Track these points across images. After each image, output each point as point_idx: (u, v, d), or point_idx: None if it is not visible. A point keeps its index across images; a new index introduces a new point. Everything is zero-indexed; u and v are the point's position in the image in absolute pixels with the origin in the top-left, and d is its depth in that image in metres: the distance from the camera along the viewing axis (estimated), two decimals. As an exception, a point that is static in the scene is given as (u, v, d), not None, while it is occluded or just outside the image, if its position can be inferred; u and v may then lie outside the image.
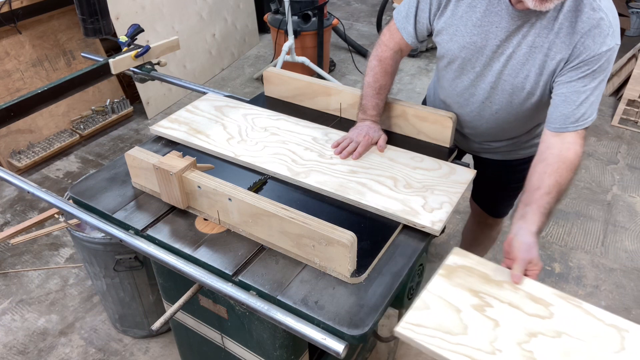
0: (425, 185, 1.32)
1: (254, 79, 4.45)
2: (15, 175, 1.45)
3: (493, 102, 1.41)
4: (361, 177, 1.35)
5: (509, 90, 1.35)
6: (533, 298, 1.09)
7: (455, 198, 1.28)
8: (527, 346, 0.99)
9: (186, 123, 1.60)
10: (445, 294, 1.10)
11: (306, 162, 1.42)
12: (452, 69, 1.44)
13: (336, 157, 1.44)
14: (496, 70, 1.34)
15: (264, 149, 1.47)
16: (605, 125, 3.82)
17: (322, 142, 1.50)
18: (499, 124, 1.47)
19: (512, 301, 1.08)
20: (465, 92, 1.45)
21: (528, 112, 1.40)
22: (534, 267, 1.14)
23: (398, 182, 1.33)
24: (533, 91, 1.32)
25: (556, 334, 1.02)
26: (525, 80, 1.31)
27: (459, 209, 2.94)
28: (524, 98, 1.35)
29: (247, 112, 1.66)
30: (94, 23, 3.06)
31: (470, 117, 1.50)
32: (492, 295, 1.09)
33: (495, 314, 1.05)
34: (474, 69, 1.38)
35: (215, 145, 1.50)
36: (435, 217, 1.22)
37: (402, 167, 1.39)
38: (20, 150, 3.32)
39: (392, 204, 1.26)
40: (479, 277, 1.14)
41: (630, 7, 5.16)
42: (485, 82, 1.38)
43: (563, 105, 1.24)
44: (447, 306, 1.07)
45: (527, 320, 1.04)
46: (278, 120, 1.62)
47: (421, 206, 1.25)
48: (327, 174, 1.37)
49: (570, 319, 1.05)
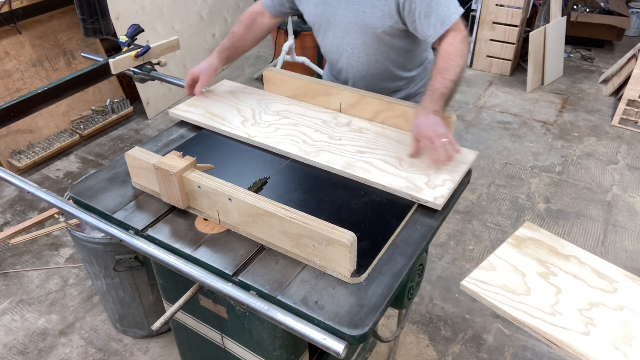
0: (429, 165, 1.37)
1: (254, 79, 4.45)
2: (15, 175, 1.45)
3: (354, 48, 1.60)
4: (368, 157, 1.41)
5: (366, 34, 1.54)
6: (598, 273, 1.16)
7: (458, 176, 1.33)
8: (587, 313, 1.06)
9: (203, 107, 1.68)
10: (513, 259, 1.19)
11: (316, 142, 1.49)
12: (319, 32, 1.67)
13: (345, 138, 1.50)
14: (350, 20, 1.53)
15: (277, 131, 1.54)
16: (605, 125, 3.82)
17: (332, 124, 1.57)
18: (367, 68, 1.64)
19: (577, 274, 1.16)
20: (334, 48, 1.65)
21: (386, 49, 1.59)
22: (431, 135, 1.30)
23: (403, 162, 1.39)
24: (386, 29, 1.51)
25: (618, 307, 1.08)
26: (378, 22, 1.49)
27: (458, 209, 2.94)
28: (380, 38, 1.54)
29: (261, 98, 1.73)
30: (94, 23, 3.06)
31: (346, 66, 1.68)
32: (558, 266, 1.18)
33: (558, 282, 1.13)
34: (331, 24, 1.59)
35: (230, 127, 1.57)
36: (437, 193, 1.27)
37: (406, 148, 1.44)
38: (20, 150, 3.32)
39: (397, 181, 1.31)
40: (547, 250, 1.22)
41: (630, 7, 5.16)
42: (343, 33, 1.58)
43: (425, 20, 1.42)
44: (512, 270, 1.16)
45: (590, 292, 1.11)
46: (290, 105, 1.69)
47: (424, 183, 1.30)
48: (335, 153, 1.44)
49: (634, 295, 1.10)
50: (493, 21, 4.41)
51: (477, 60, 4.66)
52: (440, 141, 1.29)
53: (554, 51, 4.36)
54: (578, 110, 4.02)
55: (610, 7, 4.90)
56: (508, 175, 3.26)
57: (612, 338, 1.02)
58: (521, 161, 3.41)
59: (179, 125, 1.66)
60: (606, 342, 1.01)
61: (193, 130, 1.63)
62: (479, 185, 3.15)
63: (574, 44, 4.99)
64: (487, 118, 3.93)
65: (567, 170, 3.31)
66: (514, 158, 3.44)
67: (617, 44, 5.14)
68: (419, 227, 1.22)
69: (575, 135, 3.71)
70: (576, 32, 4.86)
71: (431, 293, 2.41)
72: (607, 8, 4.91)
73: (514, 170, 3.32)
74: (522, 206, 2.99)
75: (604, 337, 1.02)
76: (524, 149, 3.55)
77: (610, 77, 4.41)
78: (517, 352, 2.14)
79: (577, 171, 3.30)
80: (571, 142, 3.62)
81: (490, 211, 2.94)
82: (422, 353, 2.15)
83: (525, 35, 4.48)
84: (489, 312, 2.30)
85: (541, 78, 4.39)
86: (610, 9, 4.88)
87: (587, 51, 4.98)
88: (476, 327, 2.25)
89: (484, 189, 3.13)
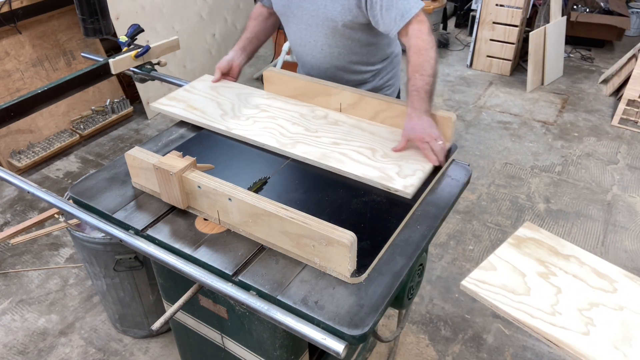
0: (401, 155, 1.42)
1: (254, 79, 4.45)
2: (15, 175, 1.45)
3: (317, 41, 1.64)
4: (343, 148, 1.46)
5: (327, 27, 1.58)
6: (598, 273, 1.16)
7: (428, 166, 1.37)
8: (587, 313, 1.06)
9: (184, 101, 1.71)
10: (513, 259, 1.20)
11: (293, 134, 1.53)
12: (285, 24, 1.72)
13: (321, 130, 1.55)
14: (312, 13, 1.57)
15: (255, 124, 1.59)
16: (605, 125, 3.82)
17: (309, 117, 1.61)
18: (330, 60, 1.68)
19: (577, 274, 1.16)
20: (299, 39, 1.69)
21: (347, 42, 1.62)
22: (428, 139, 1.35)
23: (376, 152, 1.44)
24: (347, 22, 1.54)
25: (618, 307, 1.08)
26: (338, 15, 1.53)
27: (458, 209, 2.94)
28: (341, 31, 1.57)
29: (241, 92, 1.77)
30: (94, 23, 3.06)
31: (310, 58, 1.72)
32: (558, 266, 1.18)
33: (559, 282, 1.14)
34: (295, 16, 1.63)
35: (210, 120, 1.60)
36: (408, 182, 1.31)
37: (382, 139, 1.50)
38: (20, 150, 3.32)
39: (369, 171, 1.36)
40: (547, 250, 1.23)
41: (630, 7, 5.16)
42: (306, 26, 1.62)
43: (386, 13, 1.45)
44: (512, 270, 1.16)
45: (590, 292, 1.12)
46: (269, 99, 1.72)
47: (396, 173, 1.35)
48: (311, 145, 1.48)
49: (634, 295, 1.11)
50: (493, 21, 4.41)
51: (477, 60, 4.66)
52: (437, 144, 1.36)
53: (554, 51, 4.36)
54: (578, 110, 4.02)
55: (610, 7, 4.90)
56: (508, 175, 3.26)
57: (612, 338, 1.02)
58: (521, 161, 3.41)
59: (179, 125, 1.67)
60: (606, 342, 1.01)
61: (193, 130, 1.63)
62: (479, 185, 3.15)
63: (574, 44, 4.99)
64: (487, 118, 3.93)
65: (567, 170, 3.31)
66: (514, 158, 3.44)
67: (617, 44, 5.14)
68: (419, 227, 1.22)
69: (575, 135, 3.71)
70: (576, 32, 4.87)
71: (431, 293, 2.41)
72: (607, 8, 4.91)
73: (514, 170, 3.32)
74: (522, 206, 2.99)
75: (604, 337, 1.02)
76: (524, 149, 3.55)
77: (610, 77, 4.41)
78: (517, 352, 2.14)
79: (577, 171, 3.30)
80: (571, 142, 3.62)
81: (490, 211, 2.94)
82: (422, 353, 2.15)
83: (525, 35, 4.48)
84: (489, 312, 2.30)
85: (541, 78, 4.39)
86: (610, 9, 4.88)
87: (587, 51, 4.97)
88: (476, 327, 2.25)
89: (484, 189, 3.13)
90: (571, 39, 4.87)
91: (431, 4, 4.68)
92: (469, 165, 1.48)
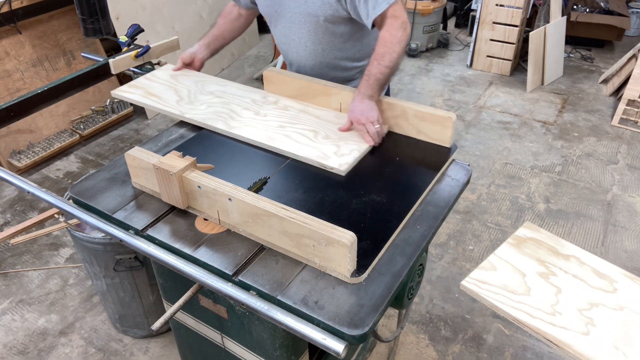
0: (341, 137, 1.51)
1: (254, 79, 4.45)
2: (15, 175, 1.45)
3: (301, 38, 1.67)
4: (288, 131, 1.54)
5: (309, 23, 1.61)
6: (598, 273, 1.16)
7: (365, 146, 1.46)
8: (587, 313, 1.06)
9: (143, 88, 1.79)
10: (513, 259, 1.20)
11: (242, 118, 1.61)
12: (270, 24, 1.75)
13: (270, 114, 1.62)
14: (294, 10, 1.60)
15: (208, 109, 1.66)
16: (605, 125, 3.82)
17: (260, 103, 1.70)
18: (315, 57, 1.71)
19: (577, 274, 1.16)
20: (283, 38, 1.73)
21: (331, 38, 1.66)
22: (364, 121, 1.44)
23: (318, 134, 1.52)
24: (328, 17, 1.57)
25: (618, 307, 1.08)
26: (319, 10, 1.57)
27: (458, 209, 2.95)
28: (324, 27, 1.61)
29: (199, 80, 1.84)
30: (94, 23, 3.06)
31: (296, 56, 1.75)
32: (558, 266, 1.18)
33: (558, 282, 1.14)
34: (279, 15, 1.67)
35: (165, 105, 1.68)
36: (343, 161, 1.40)
37: (326, 122, 1.59)
38: (20, 150, 3.32)
39: (309, 150, 1.44)
40: (547, 250, 1.23)
41: (630, 7, 5.16)
42: (290, 24, 1.65)
43: (364, 4, 1.49)
44: (512, 270, 1.17)
45: (590, 292, 1.12)
46: (225, 86, 1.80)
47: (333, 152, 1.43)
48: (258, 127, 1.56)
49: (634, 295, 1.11)
50: (493, 21, 4.41)
51: (477, 60, 4.66)
52: (372, 127, 1.45)
53: (554, 51, 4.36)
54: (578, 110, 4.02)
55: (610, 7, 4.90)
56: (508, 175, 3.26)
57: (612, 338, 1.02)
58: (521, 161, 3.41)
59: (179, 125, 1.67)
60: (606, 342, 1.01)
61: (193, 130, 1.63)
62: (479, 185, 3.15)
63: (574, 44, 4.99)
64: (487, 118, 3.93)
65: (567, 170, 3.31)
66: (514, 158, 3.44)
67: (617, 44, 5.14)
68: (419, 227, 1.22)
69: (575, 135, 3.71)
70: (576, 32, 4.87)
71: (431, 293, 2.41)
72: (607, 8, 4.91)
73: (514, 170, 3.32)
74: (522, 206, 2.99)
75: (604, 337, 1.02)
76: (524, 149, 3.55)
77: (610, 77, 4.41)
78: (517, 352, 2.14)
79: (577, 171, 3.30)
80: (571, 142, 3.62)
81: (490, 211, 2.94)
82: (422, 353, 2.15)
83: (525, 35, 4.48)
84: (489, 312, 2.30)
85: (541, 78, 4.39)
86: (610, 9, 4.88)
87: (587, 51, 4.97)
88: (476, 327, 2.25)
89: (484, 189, 3.13)
90: (571, 39, 4.87)
91: (431, 4, 4.68)
92: (469, 165, 1.48)
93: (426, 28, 4.82)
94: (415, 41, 4.85)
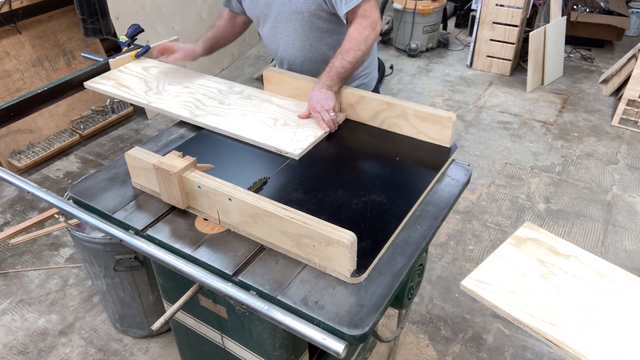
0: (299, 124, 1.58)
1: (254, 78, 4.45)
2: (15, 175, 1.45)
3: (289, 35, 1.71)
4: (249, 119, 1.61)
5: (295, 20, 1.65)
6: (598, 273, 1.16)
7: (320, 133, 1.53)
8: (587, 313, 1.07)
9: (114, 79, 1.85)
10: (513, 259, 1.20)
11: (207, 107, 1.68)
12: (258, 26, 1.79)
13: (234, 104, 1.69)
14: (280, 9, 1.64)
15: (175, 98, 1.73)
16: (605, 125, 3.82)
17: (226, 93, 1.76)
18: (304, 53, 1.75)
19: (578, 274, 1.16)
20: (272, 37, 1.77)
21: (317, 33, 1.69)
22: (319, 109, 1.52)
23: (278, 122, 1.60)
24: (312, 12, 1.62)
25: (618, 306, 1.08)
26: (303, 6, 1.61)
27: (458, 209, 2.95)
28: (309, 22, 1.65)
29: (169, 71, 1.91)
30: (94, 23, 3.06)
31: (285, 54, 1.79)
32: (558, 266, 1.18)
33: (559, 282, 1.14)
34: (266, 16, 1.71)
35: (133, 96, 1.74)
36: (297, 146, 1.47)
37: (286, 111, 1.66)
38: (20, 150, 3.32)
39: (267, 136, 1.52)
40: (547, 250, 1.23)
41: (630, 7, 5.16)
42: (276, 23, 1.69)
43: (339, 0, 1.54)
44: (512, 270, 1.17)
45: (590, 291, 1.12)
46: (193, 77, 1.86)
47: (290, 138, 1.51)
48: (221, 116, 1.63)
49: (634, 295, 1.11)
50: (493, 21, 4.41)
51: (477, 60, 4.66)
52: (327, 115, 1.52)
53: (554, 51, 4.36)
54: (578, 110, 4.02)
55: (610, 7, 4.90)
56: (508, 175, 3.26)
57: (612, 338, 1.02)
58: (521, 161, 3.41)
59: (179, 125, 1.67)
60: (606, 342, 1.01)
61: (193, 130, 1.63)
62: (479, 185, 3.15)
63: (574, 44, 4.99)
64: (487, 118, 3.93)
65: (567, 170, 3.31)
66: (514, 158, 3.44)
67: (617, 44, 5.14)
68: (419, 227, 1.23)
69: (575, 135, 3.71)
70: (576, 32, 4.86)
71: (431, 293, 2.41)
72: (607, 8, 4.91)
73: (514, 170, 3.32)
74: (522, 206, 2.99)
75: (604, 337, 1.02)
76: (524, 149, 3.55)
77: (610, 77, 4.41)
78: (517, 352, 2.14)
79: (577, 171, 3.30)
80: (571, 142, 3.62)
81: (490, 211, 2.94)
82: (422, 353, 2.15)
83: (525, 35, 4.48)
84: (489, 312, 2.30)
85: (541, 78, 4.39)
86: (610, 9, 4.88)
87: (587, 51, 4.97)
88: (476, 327, 2.25)
89: (484, 189, 3.13)
90: (571, 39, 4.87)
91: (431, 4, 4.68)
92: (469, 165, 1.48)
93: (426, 28, 4.82)
94: (415, 41, 4.85)
